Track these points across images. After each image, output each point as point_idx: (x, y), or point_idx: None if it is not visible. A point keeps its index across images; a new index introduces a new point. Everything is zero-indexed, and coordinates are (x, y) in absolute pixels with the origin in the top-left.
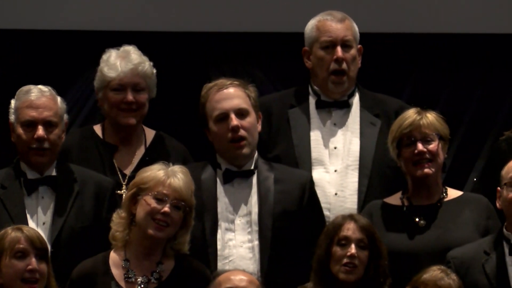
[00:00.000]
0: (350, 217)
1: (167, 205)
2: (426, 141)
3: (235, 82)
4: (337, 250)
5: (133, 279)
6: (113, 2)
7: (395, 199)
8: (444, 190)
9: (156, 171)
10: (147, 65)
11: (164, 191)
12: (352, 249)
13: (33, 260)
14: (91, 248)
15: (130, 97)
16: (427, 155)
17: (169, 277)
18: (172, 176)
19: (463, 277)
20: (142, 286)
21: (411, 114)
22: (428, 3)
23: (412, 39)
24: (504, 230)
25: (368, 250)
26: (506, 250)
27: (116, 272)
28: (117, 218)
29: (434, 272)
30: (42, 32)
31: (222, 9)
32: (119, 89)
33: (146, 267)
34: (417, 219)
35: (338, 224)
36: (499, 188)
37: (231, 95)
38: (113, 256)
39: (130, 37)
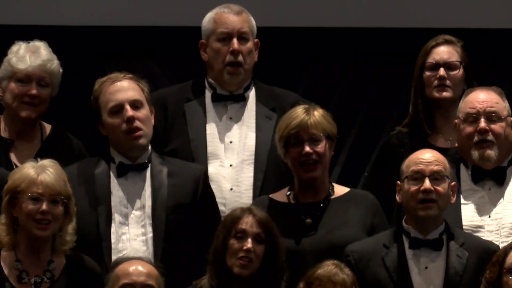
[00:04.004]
0: (249, 210)
1: (44, 203)
2: (313, 141)
3: (128, 75)
4: (233, 243)
5: (26, 280)
6: None
7: (281, 196)
8: (331, 187)
9: (26, 171)
10: (55, 63)
11: (38, 190)
12: (249, 243)
13: None
14: None
15: (34, 90)
16: (314, 156)
17: (61, 275)
18: (42, 172)
19: (362, 271)
20: (34, 286)
21: (299, 113)
22: None
23: (307, 33)
24: (404, 223)
25: (265, 244)
26: (406, 244)
27: (9, 273)
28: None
29: (328, 267)
30: None
31: (117, 3)
32: (24, 81)
33: (37, 266)
34: (303, 217)
35: (236, 217)
36: (399, 182)
37: (125, 87)
38: (5, 256)
39: (27, 30)
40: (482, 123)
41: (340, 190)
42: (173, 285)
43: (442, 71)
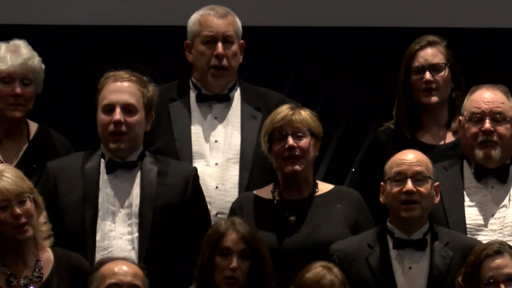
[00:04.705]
0: (233, 225)
1: (14, 207)
2: (297, 136)
3: (133, 78)
4: (219, 260)
5: (15, 283)
6: None
7: (266, 192)
8: (314, 184)
9: None
10: (36, 60)
11: (3, 198)
12: (234, 262)
13: None
14: None
15: (18, 89)
16: (297, 151)
17: (50, 274)
18: None
19: (346, 270)
20: None
21: (284, 109)
22: None
23: (293, 32)
24: (388, 223)
25: (250, 259)
26: (390, 244)
27: None
28: None
29: (316, 270)
30: None
31: (102, 2)
32: (7, 81)
33: (25, 268)
34: (287, 214)
35: (221, 233)
36: (382, 183)
37: (123, 89)
38: None
39: (12, 30)
40: (487, 124)
41: (324, 187)
42: (159, 286)
43: (428, 75)
